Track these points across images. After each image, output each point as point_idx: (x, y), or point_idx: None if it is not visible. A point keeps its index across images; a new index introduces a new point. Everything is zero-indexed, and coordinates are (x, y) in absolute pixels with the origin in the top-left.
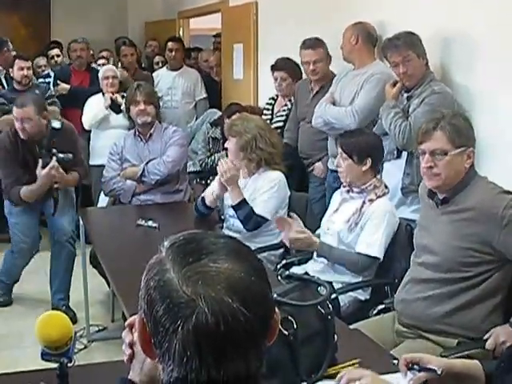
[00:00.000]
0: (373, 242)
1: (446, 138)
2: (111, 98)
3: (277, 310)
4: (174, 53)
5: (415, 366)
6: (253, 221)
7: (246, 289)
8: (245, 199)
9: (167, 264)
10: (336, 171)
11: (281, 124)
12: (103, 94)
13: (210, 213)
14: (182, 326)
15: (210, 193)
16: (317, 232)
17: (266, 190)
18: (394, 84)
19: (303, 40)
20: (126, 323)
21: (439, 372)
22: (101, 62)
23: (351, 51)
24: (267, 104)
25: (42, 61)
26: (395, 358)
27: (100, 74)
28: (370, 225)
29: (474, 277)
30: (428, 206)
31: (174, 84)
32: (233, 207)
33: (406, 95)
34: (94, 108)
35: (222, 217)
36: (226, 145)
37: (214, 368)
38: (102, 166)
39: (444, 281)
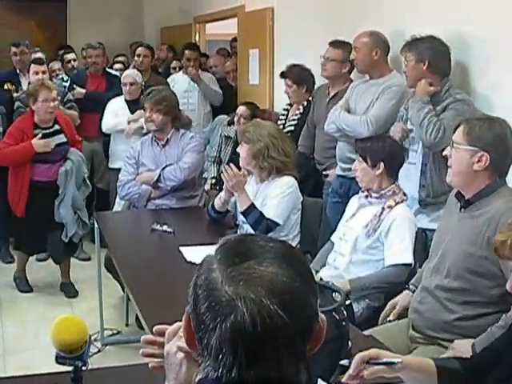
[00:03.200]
0: (403, 250)
1: (462, 132)
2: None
3: (323, 316)
4: (192, 62)
5: (371, 361)
6: (263, 225)
7: (288, 293)
8: (253, 204)
9: (214, 264)
10: (343, 176)
11: (292, 128)
12: (126, 100)
13: (220, 217)
14: (220, 324)
15: (219, 197)
16: (332, 238)
17: (276, 194)
18: (431, 84)
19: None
20: (155, 329)
21: (399, 360)
22: (117, 66)
23: (370, 64)
24: (284, 110)
25: (56, 65)
26: (343, 359)
27: (121, 79)
28: (394, 234)
29: (484, 288)
30: (451, 213)
31: (190, 87)
32: (242, 213)
33: None
34: (115, 116)
35: (237, 222)
36: (237, 149)
37: (245, 367)
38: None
39: (454, 290)
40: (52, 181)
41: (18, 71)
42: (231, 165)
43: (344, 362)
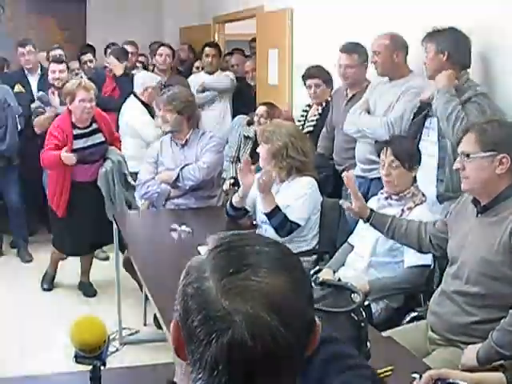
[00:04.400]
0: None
1: (473, 141)
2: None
3: (317, 320)
4: (210, 58)
5: (439, 382)
6: (287, 228)
7: (287, 306)
8: (278, 206)
9: (207, 271)
10: (362, 177)
11: (311, 129)
12: (144, 105)
13: (238, 214)
14: (216, 340)
15: (237, 194)
16: (349, 239)
17: (299, 195)
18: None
19: (344, 43)
20: None
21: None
22: (138, 65)
23: (391, 67)
24: (303, 111)
25: (75, 64)
26: (415, 372)
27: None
28: None
29: (501, 292)
30: (467, 218)
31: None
32: (266, 214)
33: None
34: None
35: (255, 222)
36: (258, 150)
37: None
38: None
39: (472, 294)
40: (92, 181)
41: (25, 71)
42: (249, 159)
43: (415, 375)
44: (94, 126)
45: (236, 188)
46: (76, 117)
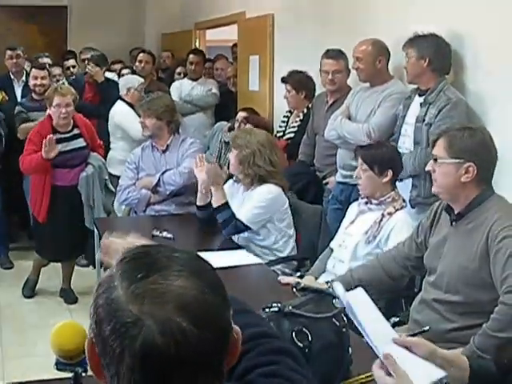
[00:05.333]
0: None
1: (443, 146)
2: None
3: (235, 327)
4: (193, 66)
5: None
6: (232, 225)
7: (198, 308)
8: (227, 203)
9: (116, 281)
10: (343, 183)
11: (292, 135)
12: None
13: (207, 214)
14: (129, 347)
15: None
16: (331, 244)
17: (252, 200)
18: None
19: (326, 50)
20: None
21: (427, 328)
22: (116, 66)
23: (373, 73)
24: (284, 117)
25: (56, 70)
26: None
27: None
28: (394, 240)
29: (479, 299)
30: (441, 227)
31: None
32: (214, 209)
33: (419, 101)
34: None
35: None
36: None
37: None
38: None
39: (452, 303)
40: (72, 185)
41: (11, 76)
42: (203, 155)
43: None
44: (76, 131)
45: None
46: (55, 122)
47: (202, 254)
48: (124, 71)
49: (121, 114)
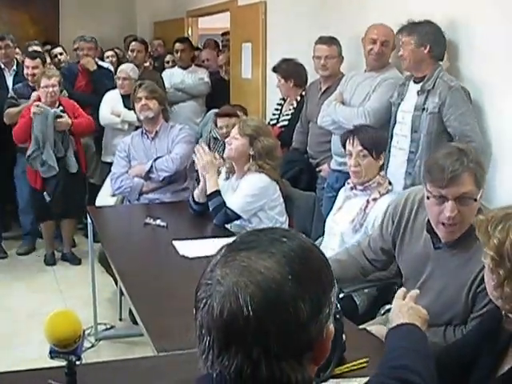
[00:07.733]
0: None
1: (473, 180)
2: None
3: (331, 328)
4: (179, 54)
5: None
6: (222, 213)
7: (269, 289)
8: (219, 191)
9: (224, 248)
10: (339, 171)
11: (286, 123)
12: (121, 94)
13: (202, 209)
14: (203, 306)
15: (197, 188)
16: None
17: (244, 189)
18: None
19: (319, 36)
20: None
21: None
22: (109, 53)
23: (387, 60)
24: (277, 104)
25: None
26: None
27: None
28: None
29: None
30: (417, 239)
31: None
32: (207, 196)
33: (415, 88)
34: (110, 108)
35: None
36: (227, 140)
37: (217, 356)
38: None
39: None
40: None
41: (1, 66)
42: (203, 145)
43: None
44: (60, 108)
45: None
46: (43, 101)
47: (195, 242)
48: (108, 53)
49: (112, 100)
